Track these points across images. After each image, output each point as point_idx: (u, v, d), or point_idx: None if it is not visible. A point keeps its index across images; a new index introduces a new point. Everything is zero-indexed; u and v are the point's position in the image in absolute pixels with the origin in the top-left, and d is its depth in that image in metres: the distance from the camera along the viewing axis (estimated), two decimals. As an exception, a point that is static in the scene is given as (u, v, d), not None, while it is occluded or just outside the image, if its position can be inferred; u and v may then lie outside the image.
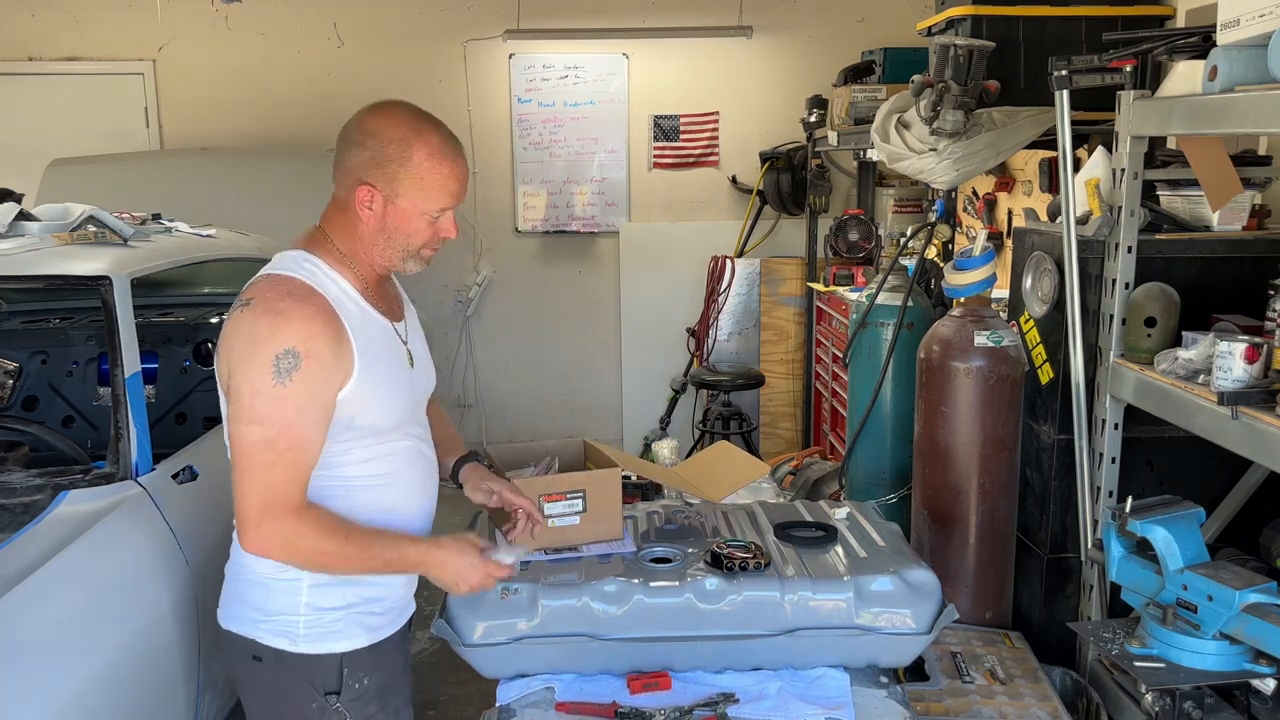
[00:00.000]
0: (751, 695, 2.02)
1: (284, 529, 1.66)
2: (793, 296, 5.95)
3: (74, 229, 3.03)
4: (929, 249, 3.64)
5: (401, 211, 1.76)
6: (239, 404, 1.66)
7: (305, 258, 1.79)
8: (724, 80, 6.06)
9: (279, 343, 1.65)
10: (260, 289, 1.73)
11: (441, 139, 1.77)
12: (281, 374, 1.64)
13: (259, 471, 1.65)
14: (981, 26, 3.36)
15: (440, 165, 1.76)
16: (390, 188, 1.75)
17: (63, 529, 2.21)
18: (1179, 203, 2.72)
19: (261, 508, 1.65)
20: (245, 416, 1.65)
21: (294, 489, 1.68)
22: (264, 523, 1.66)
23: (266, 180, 5.15)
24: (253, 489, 1.66)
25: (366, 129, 1.76)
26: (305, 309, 1.69)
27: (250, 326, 1.68)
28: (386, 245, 1.80)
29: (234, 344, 1.69)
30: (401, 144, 1.74)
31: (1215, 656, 2.09)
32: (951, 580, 2.76)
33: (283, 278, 1.74)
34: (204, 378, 4.02)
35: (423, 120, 1.78)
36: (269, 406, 1.64)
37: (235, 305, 1.73)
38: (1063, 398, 2.68)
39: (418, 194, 1.76)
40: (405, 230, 1.78)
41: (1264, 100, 1.93)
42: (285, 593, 1.79)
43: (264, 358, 1.64)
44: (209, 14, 5.87)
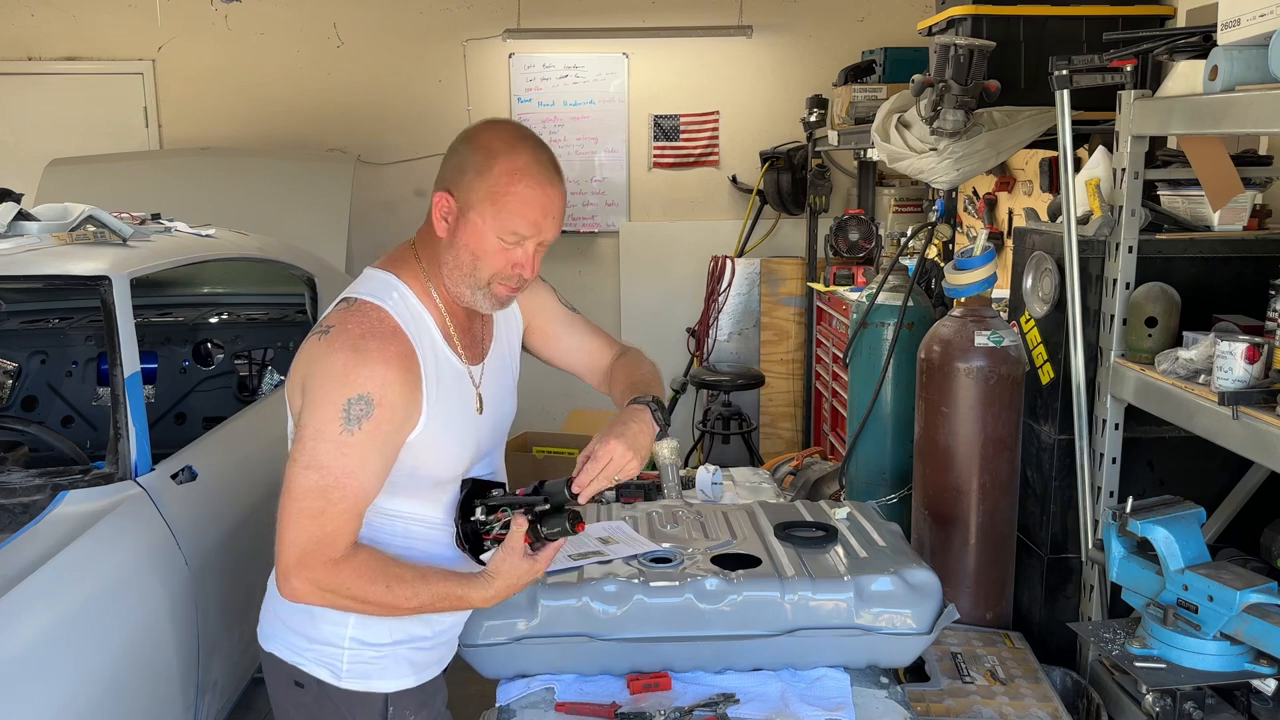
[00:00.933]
0: (752, 696, 2.02)
1: (320, 579, 1.59)
2: (793, 296, 5.94)
3: (73, 229, 3.02)
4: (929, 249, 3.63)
5: (471, 226, 1.63)
6: (301, 445, 1.58)
7: (394, 284, 1.67)
8: (724, 80, 6.06)
9: (353, 386, 1.55)
10: (342, 318, 1.62)
11: (533, 158, 1.63)
12: (351, 421, 1.55)
13: (306, 519, 1.57)
14: (982, 26, 3.35)
15: (519, 183, 1.61)
16: (465, 197, 1.63)
17: (62, 529, 2.20)
18: (1180, 202, 2.72)
19: (302, 558, 1.58)
20: (304, 460, 1.57)
21: (340, 540, 1.60)
22: (301, 572, 1.58)
23: (266, 180, 5.15)
24: (297, 537, 1.58)
25: (465, 137, 1.67)
26: (385, 351, 1.58)
27: (325, 361, 1.58)
28: (455, 266, 1.67)
29: (306, 376, 1.60)
30: (487, 153, 1.62)
31: (1216, 657, 2.08)
32: (952, 580, 2.76)
33: (368, 307, 1.63)
34: (203, 378, 4.02)
35: (522, 139, 1.65)
36: (330, 454, 1.56)
37: (314, 330, 1.64)
38: (1063, 398, 2.68)
39: (489, 209, 1.62)
40: (473, 249, 1.64)
41: (1264, 100, 1.93)
42: (330, 622, 1.72)
43: (334, 401, 1.55)
44: (209, 14, 5.87)
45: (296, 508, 1.57)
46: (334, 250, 4.75)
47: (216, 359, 4.07)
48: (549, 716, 2.00)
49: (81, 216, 3.07)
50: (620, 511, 2.51)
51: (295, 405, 1.63)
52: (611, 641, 2.06)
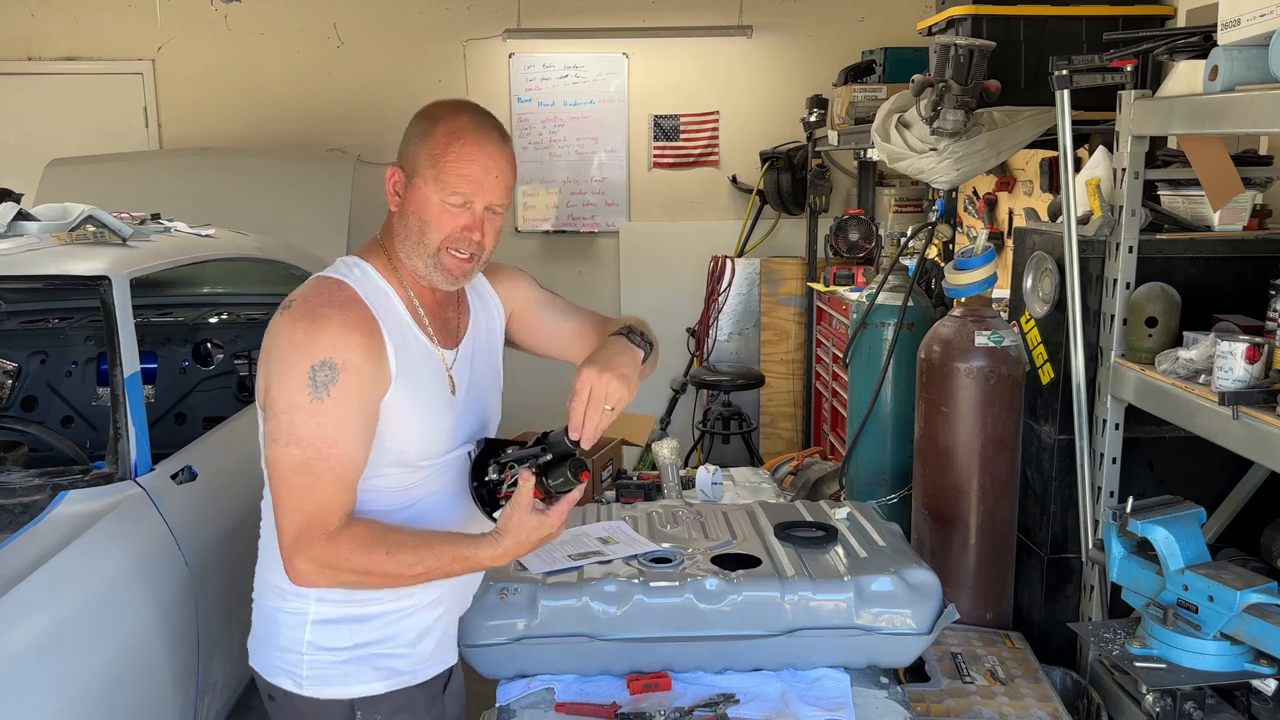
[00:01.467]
0: (752, 696, 2.02)
1: (320, 555, 1.55)
2: (793, 296, 5.94)
3: (73, 229, 3.02)
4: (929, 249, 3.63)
5: (417, 192, 1.63)
6: (275, 422, 1.55)
7: (356, 263, 1.69)
8: (724, 80, 6.06)
9: (315, 353, 1.54)
10: (303, 292, 1.64)
11: (472, 120, 1.64)
12: (318, 388, 1.53)
13: (298, 497, 1.55)
14: (982, 26, 3.35)
15: (457, 142, 1.61)
16: (410, 165, 1.65)
17: (62, 529, 2.20)
18: (1180, 202, 2.72)
19: (299, 536, 1.55)
20: (283, 437, 1.54)
21: (335, 511, 1.56)
22: (301, 551, 1.55)
23: (266, 180, 5.15)
24: (292, 517, 1.55)
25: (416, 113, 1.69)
26: (344, 316, 1.58)
27: (287, 333, 1.58)
28: (405, 236, 1.66)
29: (270, 352, 1.59)
30: (428, 119, 1.65)
31: (1216, 657, 2.08)
32: (952, 580, 2.76)
33: (328, 281, 1.65)
34: (203, 378, 4.02)
35: (464, 106, 1.67)
36: (306, 425, 1.53)
37: (281, 306, 1.64)
38: (1063, 398, 2.68)
39: (430, 172, 1.62)
40: (421, 215, 1.64)
41: (1265, 100, 1.93)
42: (289, 626, 1.69)
43: (299, 371, 1.54)
44: (208, 14, 5.87)
45: (285, 487, 1.56)
46: (334, 250, 4.73)
47: (216, 359, 4.07)
48: (549, 716, 2.00)
49: (81, 216, 3.07)
50: (620, 511, 2.51)
51: (261, 390, 1.62)
52: (611, 641, 2.06)
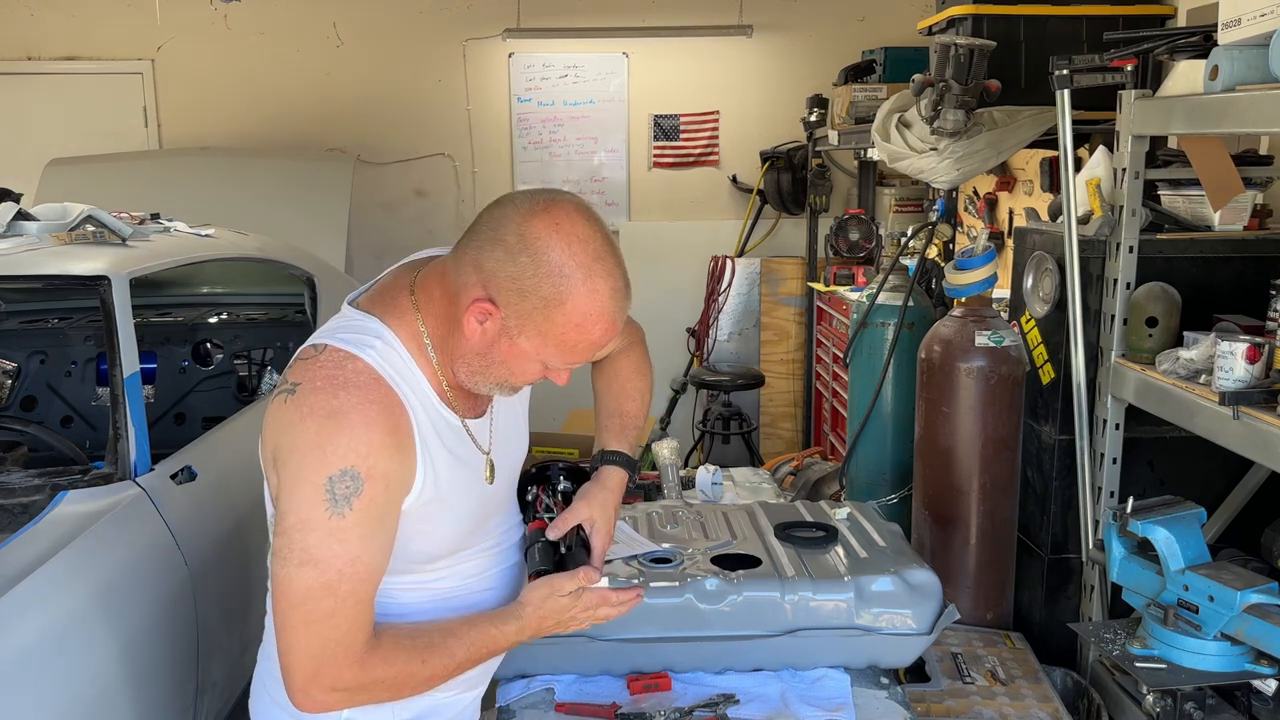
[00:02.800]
0: (752, 696, 2.02)
1: (348, 681, 1.35)
2: (793, 296, 5.94)
3: (72, 229, 3.02)
4: (930, 249, 3.63)
5: (518, 351, 1.37)
6: (287, 538, 1.31)
7: (378, 331, 1.39)
8: (724, 79, 6.06)
9: (332, 460, 1.29)
10: (310, 371, 1.35)
11: (611, 289, 1.34)
12: (338, 502, 1.30)
13: (317, 624, 1.32)
14: (982, 25, 3.36)
15: (593, 328, 1.34)
16: (519, 322, 1.34)
17: (61, 529, 2.20)
18: (1180, 202, 2.72)
19: (320, 669, 1.34)
20: (296, 557, 1.31)
21: (360, 635, 1.36)
22: (321, 683, 1.34)
23: (266, 180, 5.15)
24: (307, 647, 1.33)
25: (527, 237, 1.31)
26: (365, 411, 1.32)
27: (295, 431, 1.32)
28: (479, 371, 1.41)
29: (277, 448, 1.35)
30: (561, 281, 1.31)
31: (1216, 657, 2.08)
32: (952, 581, 2.76)
33: (340, 356, 1.35)
34: (203, 378, 4.02)
35: (600, 256, 1.33)
36: (324, 545, 1.30)
37: (279, 384, 1.38)
38: (1064, 398, 2.67)
39: (547, 345, 1.36)
40: (511, 368, 1.40)
41: (1265, 100, 1.93)
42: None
43: (314, 481, 1.30)
44: (208, 13, 5.87)
45: (299, 614, 1.32)
46: (333, 250, 4.75)
47: (216, 359, 4.07)
48: (549, 717, 2.00)
49: (81, 216, 3.06)
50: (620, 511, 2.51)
51: (272, 481, 1.39)
52: (611, 641, 2.05)
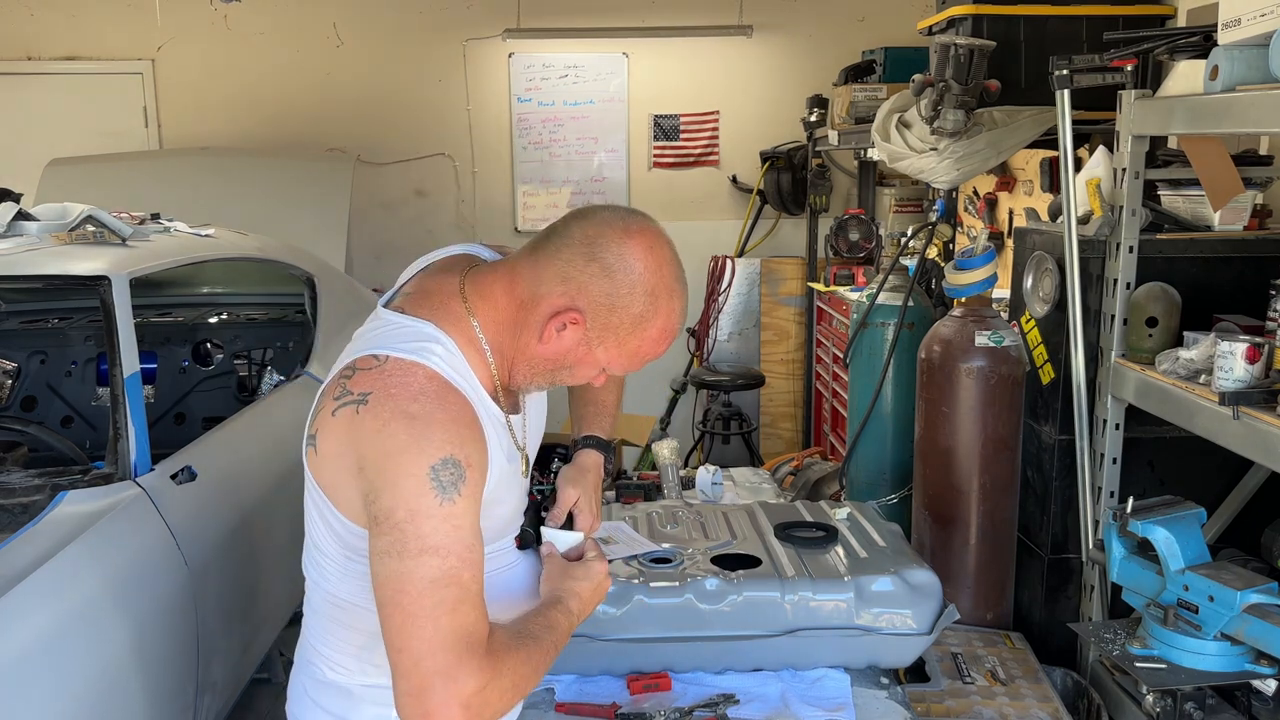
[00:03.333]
0: (752, 696, 2.02)
1: (485, 678, 1.28)
2: (793, 296, 5.94)
3: (73, 229, 3.02)
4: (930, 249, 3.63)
5: (590, 358, 1.46)
6: (395, 533, 1.28)
7: (436, 337, 1.41)
8: (724, 79, 6.06)
9: (430, 452, 1.29)
10: (378, 380, 1.34)
11: (682, 310, 1.46)
12: (445, 488, 1.29)
13: (445, 615, 1.26)
14: (982, 26, 3.36)
15: (663, 343, 1.46)
16: (600, 335, 1.42)
17: (62, 529, 2.20)
18: (1180, 202, 2.72)
19: (460, 661, 1.26)
20: (412, 548, 1.27)
21: (484, 624, 1.32)
22: (465, 680, 1.26)
23: (266, 180, 5.15)
24: (440, 640, 1.26)
25: (626, 258, 1.40)
26: (447, 410, 1.34)
27: (379, 435, 1.31)
28: (542, 372, 1.48)
29: (362, 454, 1.33)
30: (650, 301, 1.41)
31: (1216, 657, 2.08)
32: (952, 581, 2.76)
33: (406, 364, 1.36)
34: (203, 378, 4.02)
35: (679, 279, 1.46)
36: (442, 531, 1.28)
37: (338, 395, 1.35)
38: (1064, 398, 2.67)
39: (621, 356, 1.46)
40: (575, 372, 1.48)
41: (1265, 100, 1.93)
42: (370, 702, 1.50)
43: (416, 473, 1.28)
44: (208, 13, 5.87)
45: (420, 607, 1.26)
46: (333, 250, 4.75)
47: (216, 359, 4.07)
48: (549, 716, 2.00)
49: (81, 216, 3.06)
50: (620, 512, 2.51)
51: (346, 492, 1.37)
52: (611, 641, 2.06)
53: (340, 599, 1.48)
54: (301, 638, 1.59)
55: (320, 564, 1.48)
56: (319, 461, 1.39)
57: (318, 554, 1.48)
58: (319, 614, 1.53)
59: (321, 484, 1.41)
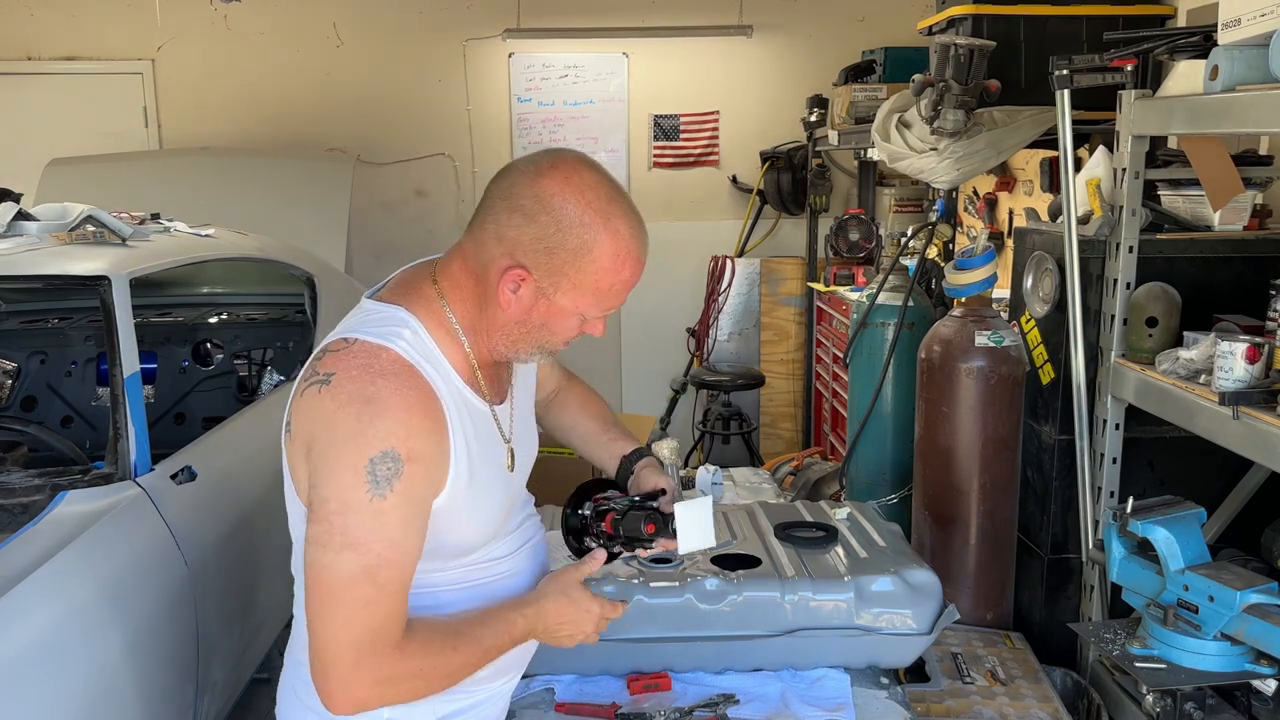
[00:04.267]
0: (752, 696, 2.02)
1: (386, 672, 1.34)
2: (793, 296, 5.94)
3: (73, 229, 3.02)
4: (930, 249, 3.63)
5: (556, 309, 1.41)
6: (325, 523, 1.31)
7: (404, 320, 1.41)
8: (724, 80, 6.06)
9: (373, 443, 1.30)
10: (343, 361, 1.35)
11: (630, 229, 1.41)
12: (379, 483, 1.30)
13: (355, 611, 1.31)
14: (982, 26, 3.35)
15: (623, 268, 1.40)
16: (552, 280, 1.38)
17: (62, 529, 2.20)
18: (1180, 202, 2.72)
19: (359, 659, 1.31)
20: (336, 541, 1.30)
21: (397, 623, 1.35)
22: (361, 675, 1.32)
23: (266, 180, 5.15)
24: (348, 636, 1.31)
25: (542, 197, 1.37)
26: (403, 396, 1.33)
27: (332, 418, 1.32)
28: (520, 338, 1.45)
29: (311, 438, 1.34)
30: (584, 230, 1.37)
31: (1216, 657, 2.08)
32: (952, 581, 2.76)
33: (371, 347, 1.36)
34: (203, 378, 4.02)
35: (613, 199, 1.41)
36: (366, 527, 1.30)
37: (307, 376, 1.37)
38: (1064, 398, 2.67)
39: (584, 295, 1.40)
40: (551, 328, 1.44)
41: (1265, 100, 1.93)
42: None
43: (354, 463, 1.30)
44: (208, 14, 5.86)
45: (336, 602, 1.31)
46: (333, 250, 4.75)
47: (216, 359, 4.07)
48: (549, 716, 2.00)
49: (81, 216, 3.06)
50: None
51: (299, 472, 1.38)
52: (611, 641, 2.05)
53: None
54: (291, 637, 1.58)
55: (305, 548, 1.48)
56: (291, 444, 1.40)
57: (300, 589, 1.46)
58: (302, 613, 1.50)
59: (293, 471, 1.41)
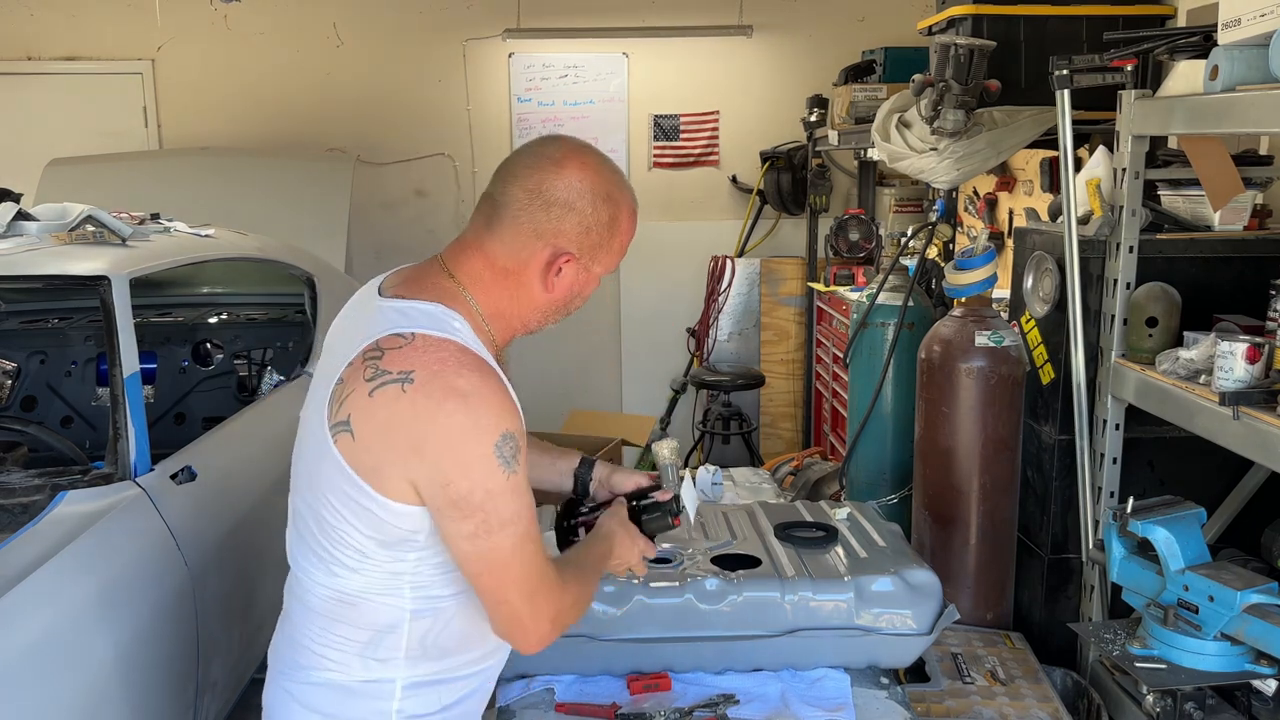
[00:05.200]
0: (752, 696, 2.02)
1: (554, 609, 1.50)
2: (793, 296, 5.94)
3: (72, 229, 3.02)
4: (930, 249, 3.63)
5: (591, 278, 1.57)
6: (477, 514, 1.39)
7: (448, 314, 1.47)
8: (724, 80, 6.06)
9: (490, 431, 1.38)
10: (414, 358, 1.39)
11: (630, 190, 1.60)
12: (508, 463, 1.40)
13: (524, 570, 1.45)
14: (982, 26, 3.35)
15: (634, 224, 1.61)
16: (593, 255, 1.54)
17: (61, 529, 2.20)
18: (1180, 202, 2.72)
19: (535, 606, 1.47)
20: (493, 524, 1.40)
21: (550, 566, 1.51)
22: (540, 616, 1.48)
23: (266, 180, 5.15)
24: (520, 593, 1.45)
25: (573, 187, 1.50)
26: (488, 383, 1.41)
27: (439, 415, 1.37)
28: (554, 311, 1.58)
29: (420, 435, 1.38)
30: (609, 205, 1.53)
31: (1216, 657, 2.08)
32: (952, 581, 2.76)
33: (435, 341, 1.42)
34: (203, 378, 4.02)
35: (615, 171, 1.57)
36: (512, 504, 1.42)
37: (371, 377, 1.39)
38: (1064, 398, 2.67)
39: (613, 258, 1.58)
40: (584, 295, 1.59)
41: (1265, 100, 1.93)
42: (371, 697, 1.53)
43: (483, 454, 1.38)
44: (208, 14, 5.86)
45: (512, 569, 1.44)
46: (333, 250, 4.75)
47: (216, 359, 4.07)
48: (549, 717, 2.00)
49: (81, 216, 3.06)
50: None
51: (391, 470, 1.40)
52: (611, 642, 2.06)
53: (349, 594, 1.49)
54: (287, 641, 1.59)
55: (333, 558, 1.48)
56: (356, 446, 1.41)
57: (331, 547, 1.48)
58: (317, 613, 1.53)
59: (359, 469, 1.42)
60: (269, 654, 1.65)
